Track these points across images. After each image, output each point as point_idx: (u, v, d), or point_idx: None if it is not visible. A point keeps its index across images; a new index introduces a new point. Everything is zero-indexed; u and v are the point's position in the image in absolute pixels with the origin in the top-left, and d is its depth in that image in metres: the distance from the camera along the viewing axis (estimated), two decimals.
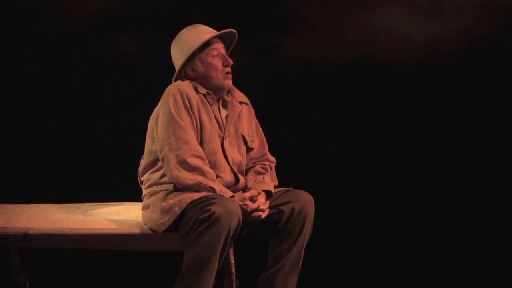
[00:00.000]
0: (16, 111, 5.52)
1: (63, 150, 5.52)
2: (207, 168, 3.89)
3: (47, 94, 5.52)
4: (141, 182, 4.11)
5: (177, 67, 4.10)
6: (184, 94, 3.94)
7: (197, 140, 3.95)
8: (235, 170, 4.04)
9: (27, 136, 5.51)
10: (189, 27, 4.12)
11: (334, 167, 5.61)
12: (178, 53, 4.08)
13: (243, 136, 4.10)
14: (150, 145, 4.03)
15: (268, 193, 3.97)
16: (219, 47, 4.06)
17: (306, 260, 3.99)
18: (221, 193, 3.84)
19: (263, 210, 3.89)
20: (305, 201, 3.97)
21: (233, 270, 4.15)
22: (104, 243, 4.07)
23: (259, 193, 3.93)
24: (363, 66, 5.55)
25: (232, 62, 4.05)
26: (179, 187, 3.89)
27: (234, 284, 4.17)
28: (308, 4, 5.58)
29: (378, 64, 5.55)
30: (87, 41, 5.51)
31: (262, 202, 3.90)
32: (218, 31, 4.09)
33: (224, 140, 4.02)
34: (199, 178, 3.85)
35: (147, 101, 5.42)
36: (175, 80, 4.09)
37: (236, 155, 4.06)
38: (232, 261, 4.14)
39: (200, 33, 4.06)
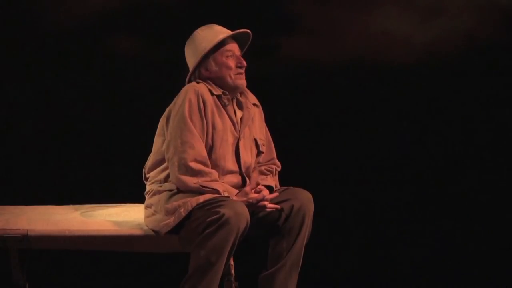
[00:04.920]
0: (16, 111, 5.52)
1: (62, 151, 5.52)
2: (209, 170, 3.89)
3: (47, 94, 5.52)
4: (146, 179, 4.10)
5: (191, 67, 4.06)
6: (200, 97, 3.92)
7: (208, 143, 3.94)
8: (244, 172, 4.03)
9: (27, 137, 5.51)
10: (203, 27, 4.09)
11: (333, 165, 5.61)
12: (192, 52, 4.05)
13: (255, 140, 4.10)
14: (159, 144, 4.02)
15: (269, 189, 3.97)
16: (234, 48, 4.03)
17: (306, 258, 3.99)
18: (225, 193, 3.85)
19: (268, 200, 3.88)
20: (304, 198, 3.96)
21: (233, 271, 4.16)
22: (104, 244, 4.06)
23: (258, 184, 3.94)
24: (362, 68, 5.55)
25: (245, 64, 4.03)
26: (182, 190, 3.89)
27: (234, 285, 4.17)
28: (308, 5, 5.58)
29: (378, 65, 5.55)
30: (88, 41, 5.52)
31: (267, 193, 3.90)
32: (231, 31, 4.06)
33: (239, 141, 4.01)
34: (202, 181, 3.85)
35: (147, 102, 5.44)
36: (189, 80, 4.07)
37: (248, 157, 4.05)
38: (232, 262, 4.14)
39: (215, 32, 4.03)
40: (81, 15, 5.51)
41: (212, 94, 3.98)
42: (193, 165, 3.85)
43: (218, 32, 4.03)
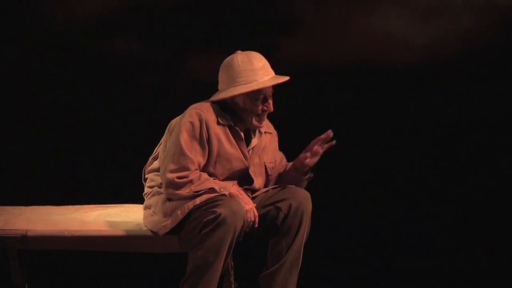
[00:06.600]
0: (15, 112, 5.53)
1: (62, 151, 5.52)
2: (196, 174, 3.87)
3: (46, 95, 5.52)
4: (145, 180, 4.10)
5: (220, 93, 3.96)
6: (204, 123, 3.88)
7: (210, 171, 3.91)
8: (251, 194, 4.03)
9: (26, 137, 5.51)
10: (244, 56, 3.96)
11: (331, 165, 5.60)
12: (226, 79, 3.96)
13: (265, 165, 4.08)
14: (162, 153, 4.00)
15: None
16: (267, 89, 3.96)
17: (305, 257, 3.99)
18: (222, 190, 3.84)
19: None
20: (301, 197, 3.97)
21: (232, 271, 4.16)
22: (103, 245, 4.07)
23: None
24: (361, 68, 5.56)
25: (272, 109, 3.97)
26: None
27: (233, 286, 4.17)
28: (307, 6, 5.58)
29: (376, 66, 5.55)
30: (88, 42, 5.52)
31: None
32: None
33: (249, 169, 4.00)
34: (194, 187, 3.84)
35: (146, 103, 5.45)
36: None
37: (260, 183, 4.05)
38: (231, 263, 4.14)
39: (254, 73, 3.92)
40: (81, 15, 5.52)
41: (218, 123, 3.94)
42: (179, 180, 3.85)
43: (257, 73, 3.93)
